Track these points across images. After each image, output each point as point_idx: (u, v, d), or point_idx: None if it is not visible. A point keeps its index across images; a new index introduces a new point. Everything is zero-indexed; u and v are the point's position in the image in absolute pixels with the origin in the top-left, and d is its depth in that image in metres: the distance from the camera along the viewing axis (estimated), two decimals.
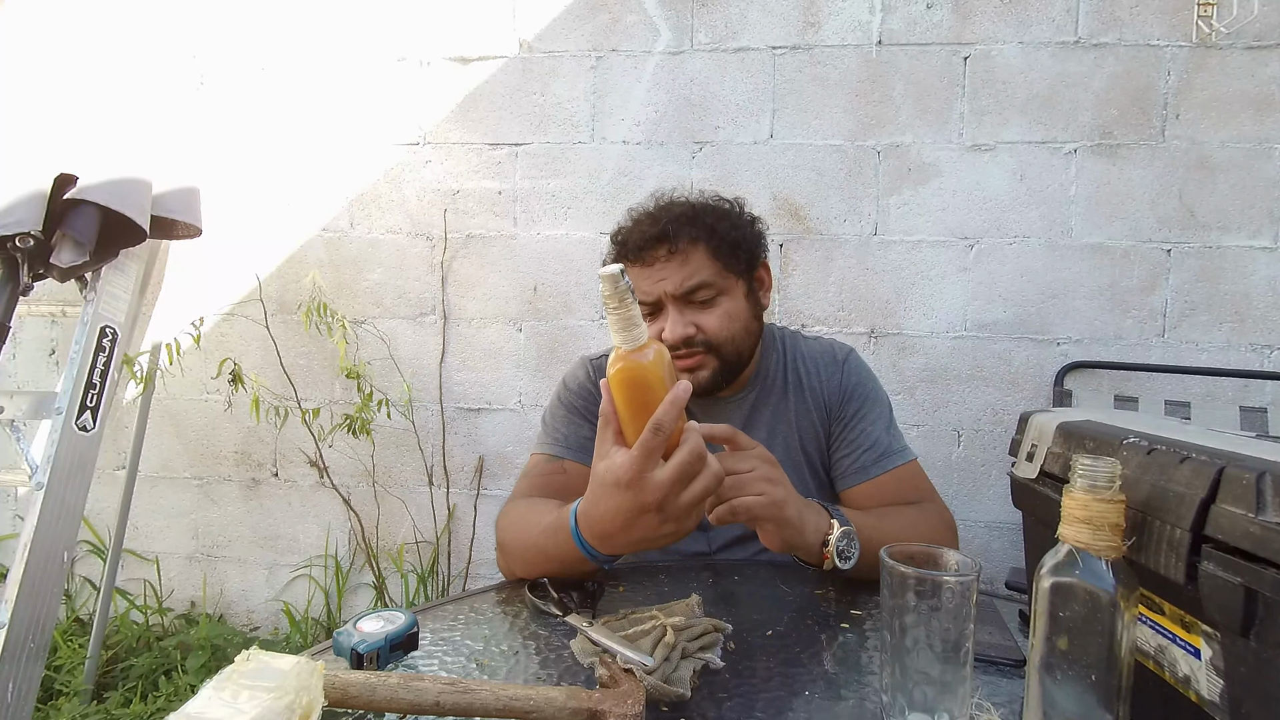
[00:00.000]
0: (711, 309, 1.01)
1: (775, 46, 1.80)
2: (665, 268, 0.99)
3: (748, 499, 0.75)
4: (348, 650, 0.64)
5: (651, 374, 0.62)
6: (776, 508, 0.76)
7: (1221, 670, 0.45)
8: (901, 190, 1.79)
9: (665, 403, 0.61)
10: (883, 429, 1.07)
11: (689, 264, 0.99)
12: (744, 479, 0.76)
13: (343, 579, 2.03)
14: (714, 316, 1.01)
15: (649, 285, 1.00)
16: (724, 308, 1.02)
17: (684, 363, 1.01)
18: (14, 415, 1.64)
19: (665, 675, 0.61)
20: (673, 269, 0.99)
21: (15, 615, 1.49)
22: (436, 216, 1.95)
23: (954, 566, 0.56)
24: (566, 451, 1.05)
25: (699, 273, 1.00)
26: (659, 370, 0.62)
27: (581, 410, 1.09)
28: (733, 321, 1.02)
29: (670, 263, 0.99)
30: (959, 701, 0.53)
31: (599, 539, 0.69)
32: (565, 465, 1.04)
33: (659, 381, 0.62)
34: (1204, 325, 1.71)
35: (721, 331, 1.01)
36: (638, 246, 1.01)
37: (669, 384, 0.63)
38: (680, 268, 0.99)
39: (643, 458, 0.61)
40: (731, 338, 1.02)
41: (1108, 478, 0.45)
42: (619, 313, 0.60)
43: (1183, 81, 1.68)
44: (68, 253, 1.64)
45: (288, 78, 1.98)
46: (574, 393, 1.10)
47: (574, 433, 1.07)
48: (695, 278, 0.99)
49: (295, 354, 2.00)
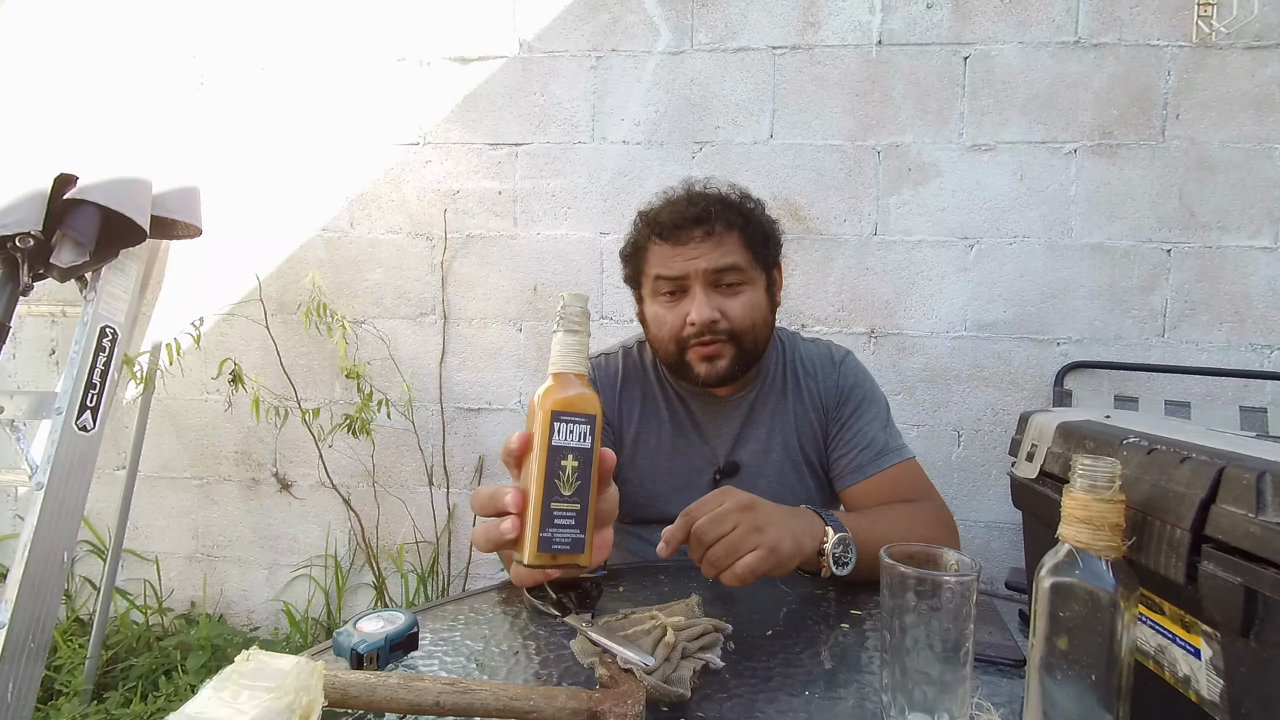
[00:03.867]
0: (736, 295, 1.02)
1: (775, 46, 1.80)
2: (700, 247, 1.00)
3: (748, 560, 0.73)
4: (348, 650, 0.64)
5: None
6: (774, 554, 0.74)
7: (1221, 670, 0.45)
8: (901, 190, 1.79)
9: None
10: (879, 428, 1.08)
11: (723, 246, 1.01)
12: (733, 540, 0.73)
13: (343, 579, 2.03)
14: (738, 304, 1.02)
15: (680, 264, 1.01)
16: (748, 296, 1.02)
17: (704, 349, 1.01)
18: (14, 415, 1.64)
19: (665, 675, 0.61)
20: (707, 249, 1.00)
21: (15, 615, 1.49)
22: (436, 216, 1.95)
23: (954, 566, 0.56)
24: None
25: (731, 255, 1.01)
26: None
27: None
28: (754, 311, 1.03)
29: (705, 243, 1.00)
30: (959, 701, 0.53)
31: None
32: None
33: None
34: (1204, 325, 1.71)
35: (744, 319, 1.02)
36: (674, 224, 1.01)
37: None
38: (714, 248, 1.00)
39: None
40: (752, 327, 1.03)
41: (1108, 478, 0.45)
42: (583, 337, 0.55)
43: (1183, 81, 1.68)
44: (68, 253, 1.64)
45: (288, 78, 1.98)
46: None
47: None
48: (727, 259, 1.00)
49: (295, 354, 2.00)
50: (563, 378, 0.54)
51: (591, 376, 0.60)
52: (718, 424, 1.11)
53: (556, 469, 0.52)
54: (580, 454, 0.53)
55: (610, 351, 1.16)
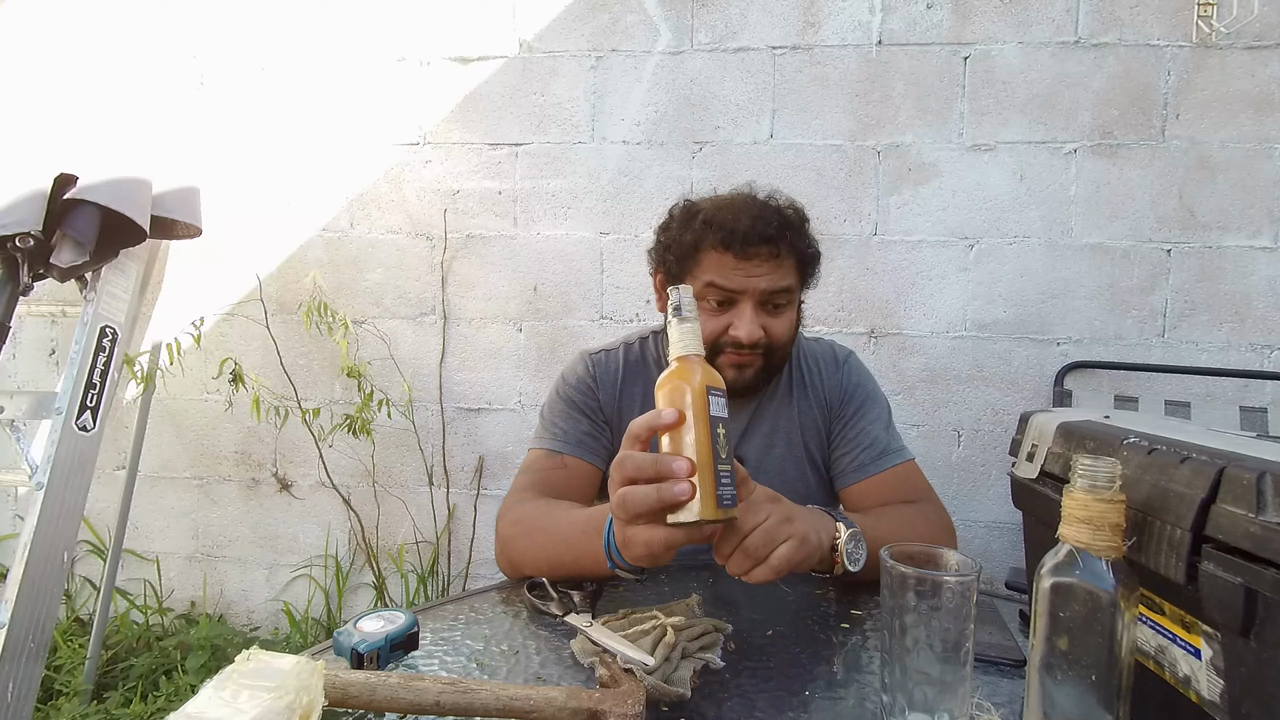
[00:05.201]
0: (780, 315, 1.03)
1: (775, 46, 1.80)
2: (763, 266, 1.00)
3: (782, 550, 0.70)
4: (348, 650, 0.64)
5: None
6: (804, 545, 0.72)
7: (1221, 670, 0.45)
8: (901, 190, 1.79)
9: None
10: (882, 429, 1.08)
11: (782, 268, 1.01)
12: (769, 529, 0.70)
13: (343, 579, 2.03)
14: (780, 323, 1.02)
15: (740, 279, 1.00)
16: (788, 316, 1.04)
17: (739, 359, 1.02)
18: (14, 415, 1.64)
19: (665, 675, 0.61)
20: (767, 269, 1.00)
21: (15, 615, 1.49)
22: (436, 216, 1.95)
23: (954, 566, 0.56)
24: (565, 446, 1.05)
25: (787, 278, 1.02)
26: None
27: (580, 405, 1.08)
28: (790, 330, 1.04)
29: (767, 263, 1.00)
30: (959, 701, 0.53)
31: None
32: (565, 460, 1.04)
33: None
34: (1204, 325, 1.71)
35: (782, 337, 1.03)
36: (745, 240, 0.99)
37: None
38: (774, 269, 1.00)
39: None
40: (785, 344, 1.04)
41: (1108, 478, 0.45)
42: (695, 324, 0.63)
43: (1183, 81, 1.68)
44: (68, 253, 1.64)
45: (288, 78, 1.98)
46: (573, 387, 1.10)
47: (573, 428, 1.06)
48: (782, 282, 1.01)
49: (295, 354, 2.00)
50: (688, 360, 0.61)
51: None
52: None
53: (715, 435, 0.59)
54: (725, 423, 0.61)
55: (611, 348, 1.16)
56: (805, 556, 0.73)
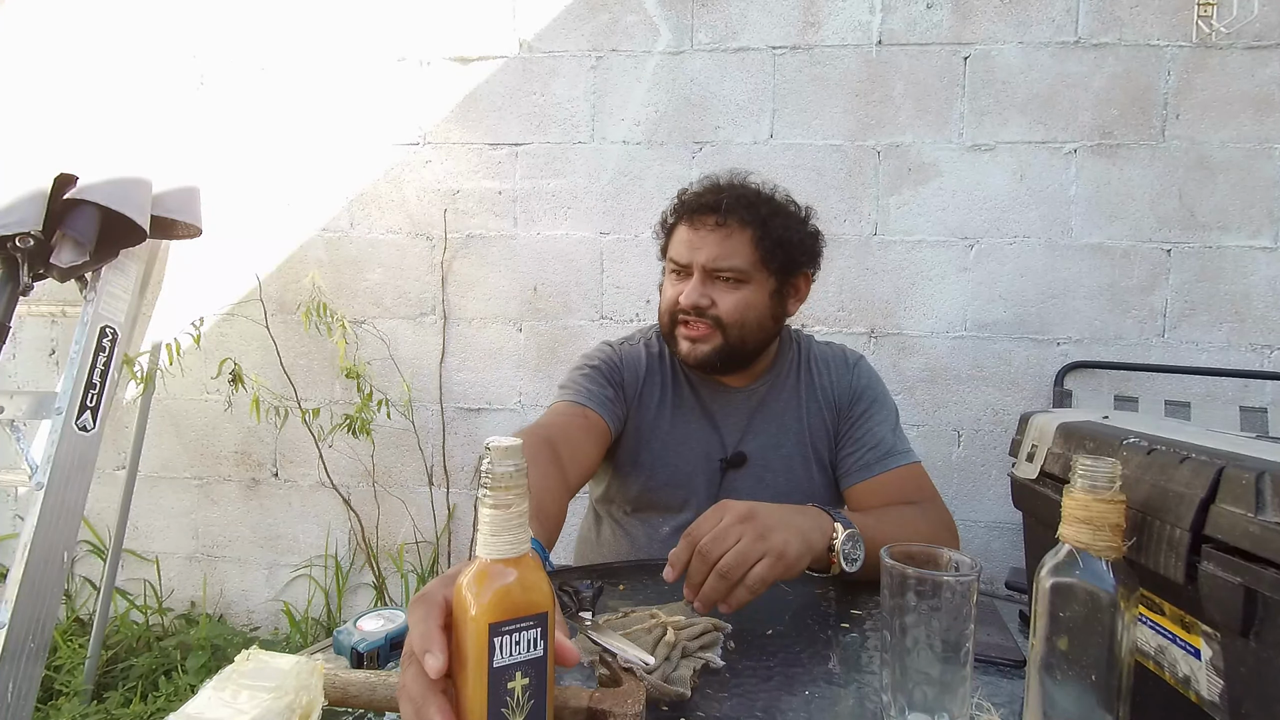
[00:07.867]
0: (733, 291, 1.03)
1: (775, 46, 1.80)
2: (708, 237, 1.02)
3: (757, 570, 0.70)
4: (348, 649, 0.64)
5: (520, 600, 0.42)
6: (782, 559, 0.72)
7: (1221, 670, 0.45)
8: (901, 190, 1.79)
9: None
10: (888, 430, 1.09)
11: (728, 243, 1.02)
12: (741, 550, 0.70)
13: (343, 579, 2.03)
14: (731, 298, 1.03)
15: (686, 250, 1.04)
16: (744, 295, 1.03)
17: (691, 330, 1.03)
18: (14, 415, 1.64)
19: (665, 675, 0.61)
20: (713, 242, 1.02)
21: (15, 615, 1.49)
22: (436, 216, 1.95)
23: (954, 566, 0.56)
24: (590, 401, 1.05)
25: (734, 257, 1.02)
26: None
27: (607, 374, 1.10)
28: (747, 310, 1.03)
29: (714, 234, 1.02)
30: (959, 701, 0.53)
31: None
32: (587, 413, 1.04)
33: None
34: (1204, 325, 1.71)
35: (732, 314, 1.02)
36: (692, 208, 1.04)
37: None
38: (720, 243, 1.02)
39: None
40: (740, 323, 1.03)
41: (1108, 478, 0.45)
42: (520, 506, 0.41)
43: (1183, 81, 1.68)
44: (68, 253, 1.64)
45: (288, 78, 1.98)
46: (602, 360, 1.12)
47: (599, 390, 1.07)
48: (728, 260, 1.02)
49: (295, 354, 2.00)
50: (493, 567, 0.41)
51: (539, 553, 0.60)
52: (727, 413, 1.12)
53: (503, 696, 0.40)
54: (532, 666, 0.41)
55: (633, 340, 1.18)
56: (785, 569, 0.73)
